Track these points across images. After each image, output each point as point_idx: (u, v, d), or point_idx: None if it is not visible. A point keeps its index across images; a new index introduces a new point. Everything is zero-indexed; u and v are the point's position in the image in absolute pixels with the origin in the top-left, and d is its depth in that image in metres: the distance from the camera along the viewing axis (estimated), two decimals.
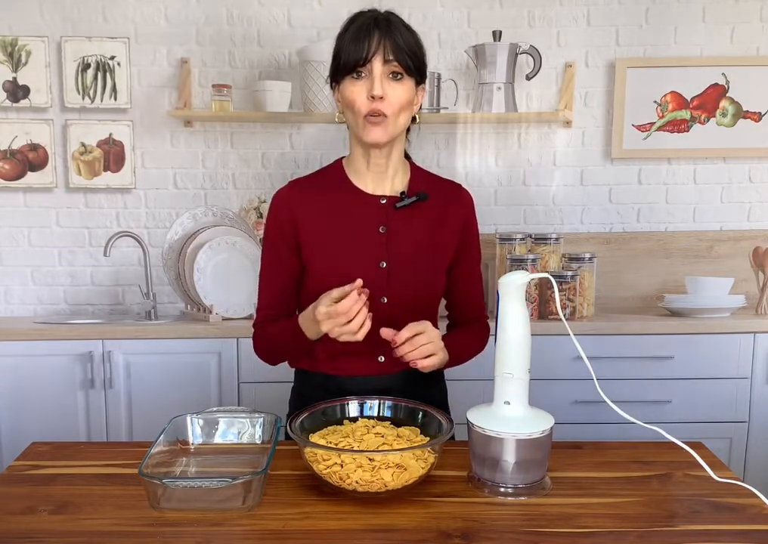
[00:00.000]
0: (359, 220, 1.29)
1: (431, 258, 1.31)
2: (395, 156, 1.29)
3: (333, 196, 1.30)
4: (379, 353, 1.30)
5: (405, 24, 1.23)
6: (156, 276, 2.66)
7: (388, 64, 1.18)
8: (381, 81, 1.18)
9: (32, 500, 1.03)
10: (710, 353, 2.32)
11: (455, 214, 1.34)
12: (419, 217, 1.31)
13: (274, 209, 1.32)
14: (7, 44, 2.59)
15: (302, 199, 1.30)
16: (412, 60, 1.20)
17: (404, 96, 1.21)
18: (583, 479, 1.11)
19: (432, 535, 0.92)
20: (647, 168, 2.75)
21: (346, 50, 1.19)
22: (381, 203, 1.30)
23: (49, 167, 2.65)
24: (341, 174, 1.33)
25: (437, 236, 1.32)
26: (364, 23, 1.19)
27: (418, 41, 1.24)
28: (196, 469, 1.13)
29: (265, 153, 2.72)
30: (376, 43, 1.17)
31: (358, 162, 1.30)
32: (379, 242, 1.28)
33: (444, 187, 1.37)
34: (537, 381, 1.14)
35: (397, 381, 1.32)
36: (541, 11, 2.66)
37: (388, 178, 1.31)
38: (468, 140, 2.73)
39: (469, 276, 1.39)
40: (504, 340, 1.07)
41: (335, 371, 1.32)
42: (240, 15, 2.65)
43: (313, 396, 1.28)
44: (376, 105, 1.19)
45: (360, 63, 1.18)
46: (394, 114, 1.21)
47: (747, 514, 0.99)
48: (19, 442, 2.11)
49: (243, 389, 2.32)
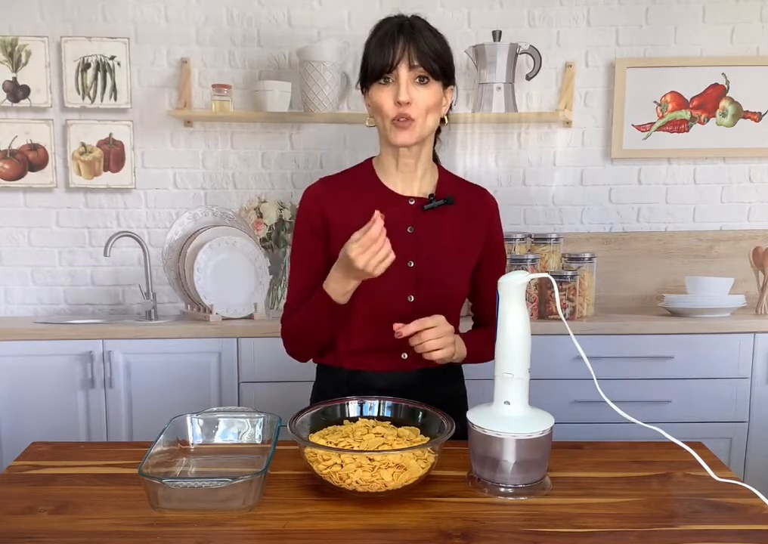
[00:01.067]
0: (388, 220, 1.29)
1: (457, 260, 1.33)
2: (424, 157, 1.32)
3: (363, 195, 1.32)
4: (403, 350, 1.32)
5: (431, 28, 1.26)
6: (156, 276, 2.66)
7: (413, 69, 1.21)
8: (407, 87, 1.21)
9: (32, 500, 1.03)
10: (710, 353, 2.32)
11: (481, 219, 1.36)
12: (446, 220, 1.33)
13: (304, 205, 1.34)
14: (7, 44, 2.59)
15: (333, 196, 1.32)
16: (437, 63, 1.22)
17: (430, 99, 1.23)
18: (583, 479, 1.11)
19: (431, 535, 0.92)
20: (647, 168, 2.75)
21: (373, 56, 1.22)
22: (409, 204, 1.32)
23: (49, 167, 2.65)
24: (371, 173, 1.35)
25: (463, 239, 1.34)
26: (389, 30, 1.22)
27: (444, 45, 1.26)
28: (196, 469, 1.13)
29: (265, 153, 2.72)
30: (401, 49, 1.20)
31: (387, 162, 1.32)
32: (407, 242, 1.29)
33: (470, 191, 1.39)
34: (537, 381, 1.15)
35: (420, 378, 1.33)
36: (541, 11, 2.66)
37: (416, 179, 1.33)
38: (468, 140, 2.73)
39: (493, 279, 1.39)
40: (504, 340, 1.07)
41: (359, 366, 1.34)
42: (239, 15, 2.65)
43: (337, 391, 1.30)
44: (403, 110, 1.22)
45: (386, 69, 1.21)
46: (422, 116, 1.23)
47: (747, 514, 0.99)
48: (19, 442, 2.11)
49: (243, 389, 2.32)
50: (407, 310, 1.29)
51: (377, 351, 1.32)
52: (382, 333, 1.28)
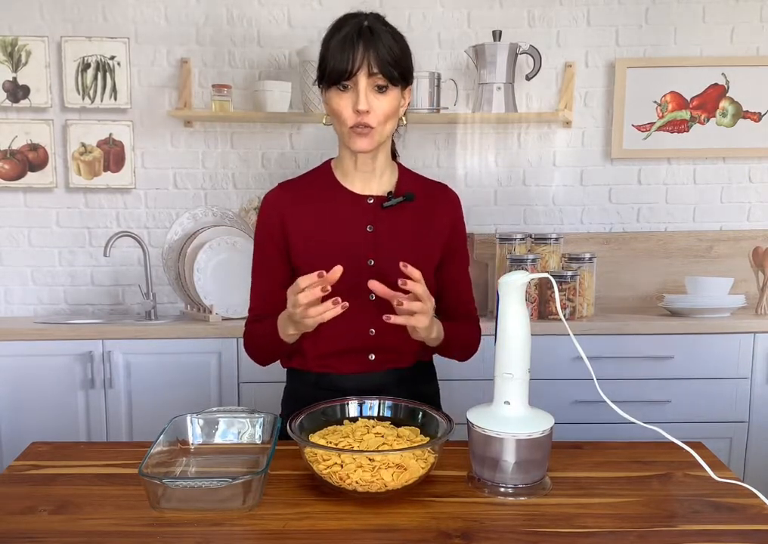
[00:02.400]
0: (347, 219, 1.31)
1: (418, 256, 1.30)
2: (382, 157, 1.31)
3: (321, 197, 1.32)
4: (369, 352, 1.32)
5: (391, 29, 1.22)
6: (156, 276, 2.66)
7: (372, 77, 1.19)
8: (366, 95, 1.19)
9: (32, 500, 1.03)
10: (710, 353, 2.32)
11: (442, 215, 1.35)
12: (407, 217, 1.32)
13: (263, 211, 1.34)
14: (7, 44, 2.59)
15: (291, 201, 1.32)
16: (397, 69, 1.20)
17: (389, 107, 1.22)
18: (583, 479, 1.11)
19: (431, 535, 0.92)
20: (647, 168, 2.75)
21: (331, 60, 1.19)
22: (368, 203, 1.31)
23: (49, 167, 2.65)
24: (329, 174, 1.35)
25: (424, 236, 1.33)
26: (348, 34, 1.18)
27: (403, 47, 1.23)
28: (196, 469, 1.13)
29: (265, 153, 2.72)
30: (360, 57, 1.17)
31: (346, 164, 1.32)
32: (367, 240, 1.29)
33: (432, 188, 1.38)
34: (537, 381, 1.15)
35: (388, 379, 1.33)
36: (541, 11, 2.66)
37: (375, 178, 1.32)
38: (468, 140, 2.73)
39: (457, 276, 1.39)
40: (504, 340, 1.07)
41: (326, 368, 1.33)
42: (240, 15, 2.65)
43: (306, 395, 1.30)
44: (361, 118, 1.20)
45: (344, 76, 1.18)
46: (381, 124, 1.22)
47: (747, 514, 0.99)
48: (19, 442, 2.11)
49: (243, 389, 2.32)
50: (370, 309, 1.27)
51: (344, 353, 1.31)
52: (345, 334, 1.27)
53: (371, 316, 1.27)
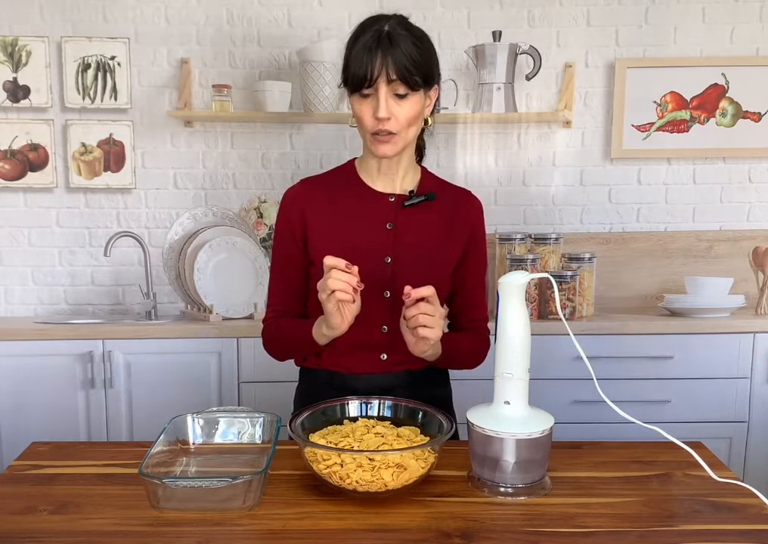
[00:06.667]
0: (367, 216, 1.31)
1: (436, 257, 1.31)
2: (405, 159, 1.31)
3: (342, 194, 1.33)
4: (381, 351, 1.31)
5: (414, 33, 1.20)
6: (156, 276, 2.66)
7: (392, 84, 1.18)
8: (386, 102, 1.18)
9: (32, 500, 1.03)
10: (710, 353, 2.32)
11: (463, 219, 1.35)
12: (427, 217, 1.32)
13: (283, 207, 1.35)
14: (8, 44, 2.59)
15: (312, 197, 1.32)
16: (418, 74, 1.18)
17: (410, 112, 1.21)
18: (583, 479, 1.11)
19: (431, 535, 0.92)
20: (647, 168, 2.75)
21: (352, 66, 1.19)
22: (389, 201, 1.32)
23: (49, 167, 2.65)
24: (352, 173, 1.35)
25: (443, 238, 1.33)
26: (367, 42, 1.17)
27: (425, 52, 1.20)
28: (196, 469, 1.13)
29: (265, 153, 2.72)
30: (379, 65, 1.16)
31: (369, 164, 1.32)
32: (386, 238, 1.29)
33: (455, 192, 1.38)
34: (537, 381, 1.15)
35: (400, 380, 1.33)
36: (541, 11, 2.66)
37: (398, 179, 1.33)
38: (468, 141, 2.73)
39: (472, 282, 1.38)
40: (504, 340, 1.07)
41: (338, 368, 1.33)
42: (240, 15, 2.65)
43: (319, 394, 1.29)
44: (382, 125, 1.20)
45: (364, 84, 1.18)
46: (403, 130, 1.22)
47: (747, 514, 0.99)
48: (19, 442, 2.12)
49: (243, 389, 2.32)
50: (384, 306, 1.28)
51: (356, 352, 1.31)
52: (359, 329, 1.26)
53: (385, 313, 1.27)
